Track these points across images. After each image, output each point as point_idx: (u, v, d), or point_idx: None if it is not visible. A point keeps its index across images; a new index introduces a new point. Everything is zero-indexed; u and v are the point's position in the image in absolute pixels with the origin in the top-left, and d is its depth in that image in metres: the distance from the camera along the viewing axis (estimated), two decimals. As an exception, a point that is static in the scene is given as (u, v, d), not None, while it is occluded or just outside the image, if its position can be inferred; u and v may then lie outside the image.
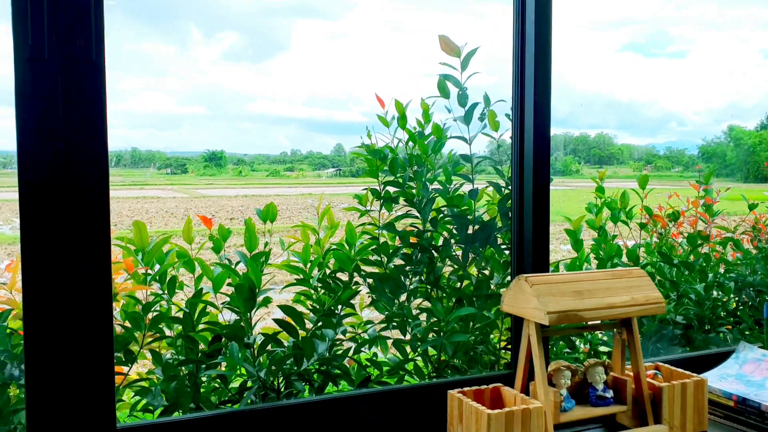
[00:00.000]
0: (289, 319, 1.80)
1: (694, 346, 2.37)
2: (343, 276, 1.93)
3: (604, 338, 2.30)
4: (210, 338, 1.74)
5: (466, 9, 2.35)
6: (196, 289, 1.77)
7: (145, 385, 1.70)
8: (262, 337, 1.78)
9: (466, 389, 1.50)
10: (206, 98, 2.34)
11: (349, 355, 1.89)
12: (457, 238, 2.00)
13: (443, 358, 1.98)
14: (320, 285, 1.91)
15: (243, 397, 1.75)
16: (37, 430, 1.28)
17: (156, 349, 1.70)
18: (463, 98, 1.95)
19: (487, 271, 2.01)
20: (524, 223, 1.74)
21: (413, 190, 2.00)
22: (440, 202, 2.01)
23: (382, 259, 1.97)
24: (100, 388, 1.32)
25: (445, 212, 2.01)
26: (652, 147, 3.48)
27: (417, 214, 2.00)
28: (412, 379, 1.95)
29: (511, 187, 1.91)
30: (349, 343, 1.90)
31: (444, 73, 1.97)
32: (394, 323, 1.95)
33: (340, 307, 1.90)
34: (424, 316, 1.99)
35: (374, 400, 1.64)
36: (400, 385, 1.88)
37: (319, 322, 1.84)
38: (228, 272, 1.75)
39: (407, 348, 1.95)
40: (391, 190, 2.01)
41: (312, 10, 2.34)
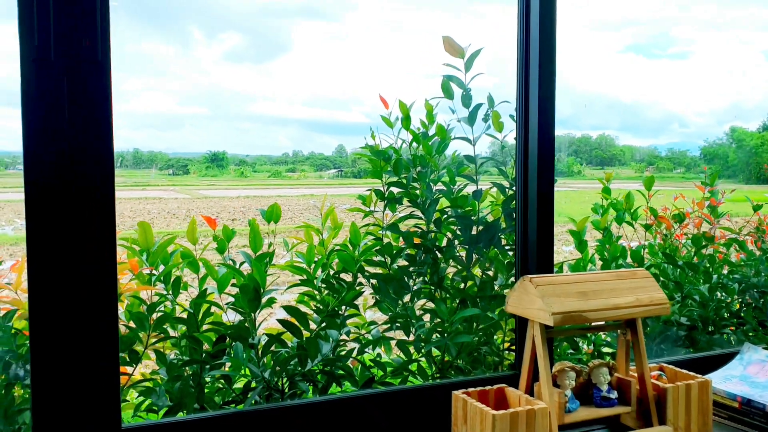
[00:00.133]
0: (292, 320, 1.80)
1: (698, 348, 2.36)
2: (347, 277, 1.93)
3: (607, 339, 2.30)
4: (214, 339, 1.74)
5: (466, 10, 2.35)
6: (201, 290, 1.77)
7: (149, 386, 1.71)
8: (266, 337, 1.78)
9: (471, 390, 1.50)
10: (208, 99, 2.35)
11: (353, 356, 1.89)
12: (461, 239, 2.00)
13: (447, 359, 1.98)
14: (324, 286, 1.91)
15: (247, 397, 1.75)
16: (42, 429, 1.28)
17: (160, 350, 1.70)
18: (467, 99, 1.95)
19: (491, 272, 2.01)
20: (528, 224, 1.74)
21: (417, 191, 2.00)
22: (444, 202, 2.01)
23: (386, 260, 1.97)
24: (106, 389, 1.32)
25: (449, 213, 2.01)
26: (654, 148, 3.48)
27: (421, 215, 2.00)
28: (416, 380, 1.95)
29: (515, 188, 1.92)
30: (352, 343, 1.90)
31: (447, 74, 1.97)
32: (398, 324, 1.95)
33: (344, 308, 1.90)
34: (428, 317, 1.99)
35: (379, 401, 1.64)
36: (405, 386, 1.88)
37: (323, 323, 1.84)
38: (233, 273, 1.75)
39: (411, 349, 1.95)
40: (395, 190, 2.01)
41: (313, 11, 2.34)
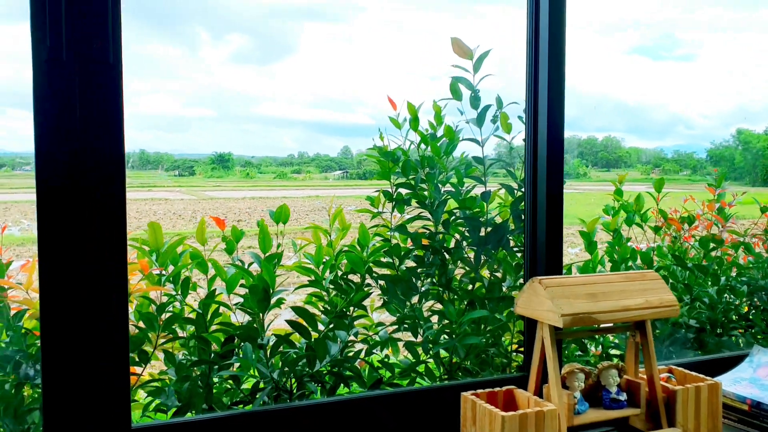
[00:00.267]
0: (300, 320, 1.80)
1: (707, 350, 2.36)
2: (355, 278, 1.93)
3: (615, 341, 2.29)
4: (223, 339, 1.75)
5: (471, 11, 2.35)
6: (209, 290, 1.77)
7: (158, 386, 1.71)
8: (274, 338, 1.78)
9: (480, 391, 1.50)
10: (214, 100, 2.35)
11: (361, 357, 1.89)
12: (469, 241, 2.00)
13: (455, 361, 1.98)
14: (332, 287, 1.91)
15: (255, 398, 1.75)
16: (53, 429, 1.29)
17: (169, 350, 1.71)
18: (475, 100, 1.95)
19: (500, 274, 2.01)
20: (537, 226, 1.74)
21: (425, 192, 2.00)
22: (452, 204, 2.01)
23: (394, 261, 1.97)
24: (116, 388, 1.33)
25: (457, 214, 2.01)
26: (660, 150, 3.47)
27: (429, 216, 2.00)
28: (424, 382, 1.95)
29: (523, 190, 1.92)
30: (360, 344, 1.90)
31: (454, 75, 1.97)
32: (406, 325, 1.95)
33: (352, 309, 1.90)
34: (436, 318, 1.99)
35: (387, 402, 1.64)
36: (413, 387, 1.88)
37: (331, 324, 1.84)
38: (241, 273, 1.75)
39: (419, 350, 1.95)
40: (403, 192, 2.01)
41: (319, 13, 2.34)
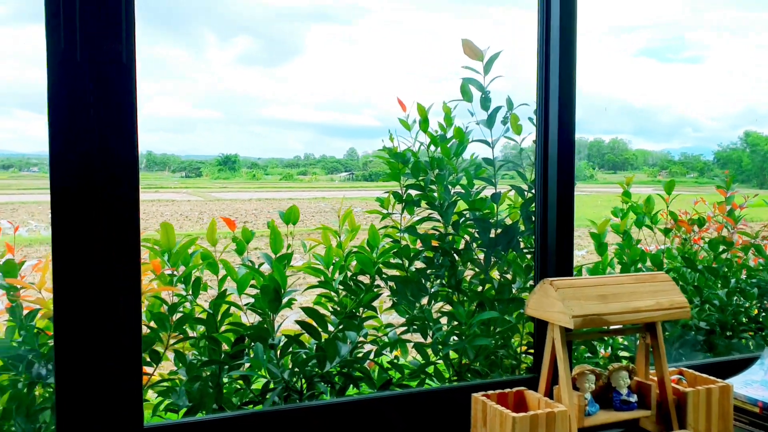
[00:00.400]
0: (310, 321, 1.80)
1: (717, 352, 2.35)
2: (365, 279, 1.93)
3: (624, 343, 2.29)
4: (233, 339, 1.75)
5: (478, 13, 2.35)
6: (220, 291, 1.78)
7: (168, 386, 1.72)
8: (285, 338, 1.78)
9: (490, 392, 1.50)
10: (221, 102, 2.36)
11: (370, 358, 1.89)
12: (479, 242, 2.00)
13: (464, 362, 1.98)
14: (342, 287, 1.92)
15: (265, 398, 1.75)
16: (66, 428, 1.30)
17: (180, 350, 1.72)
18: (486, 102, 1.95)
19: (509, 275, 2.01)
20: (548, 227, 1.74)
21: (435, 194, 2.00)
22: (462, 205, 2.01)
23: (404, 262, 1.97)
24: (128, 388, 1.33)
25: (467, 216, 2.01)
26: (667, 152, 3.47)
27: (439, 218, 2.00)
28: (433, 383, 1.95)
29: (534, 191, 1.92)
30: (369, 345, 1.91)
31: (465, 76, 1.97)
32: (415, 326, 1.95)
33: (362, 310, 1.90)
34: (445, 320, 1.99)
35: (397, 403, 1.64)
36: (423, 388, 1.88)
37: (341, 325, 1.84)
38: (252, 273, 1.76)
39: (428, 351, 1.95)
40: (413, 193, 2.01)
41: (326, 15, 2.35)
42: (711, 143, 3.48)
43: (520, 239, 1.99)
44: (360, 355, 1.86)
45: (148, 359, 1.68)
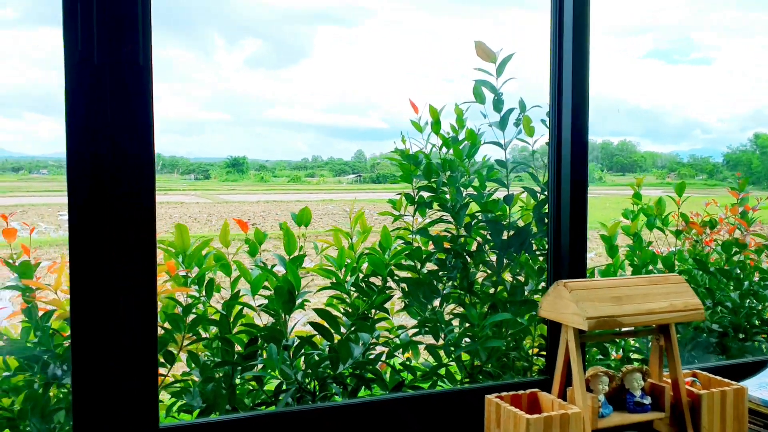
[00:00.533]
0: (322, 322, 1.81)
1: (730, 355, 2.34)
2: (376, 280, 1.93)
3: (636, 345, 2.29)
4: (246, 340, 1.76)
5: (487, 15, 2.36)
6: (233, 292, 1.79)
7: (182, 386, 1.72)
8: (297, 339, 1.79)
9: (504, 394, 1.50)
10: (229, 105, 2.37)
11: (382, 360, 1.89)
12: (492, 244, 2.00)
13: (476, 364, 1.98)
14: (354, 289, 1.92)
15: (278, 399, 1.76)
16: (82, 429, 1.30)
17: (194, 351, 1.72)
18: (498, 104, 1.95)
19: (522, 277, 2.01)
20: (561, 229, 1.74)
21: (447, 195, 2.00)
22: (474, 207, 2.01)
23: (416, 264, 1.98)
24: (144, 388, 1.34)
25: (479, 218, 2.01)
26: (676, 155, 3.46)
27: (451, 220, 2.00)
28: (446, 384, 1.95)
29: (546, 193, 1.91)
30: (381, 347, 1.91)
31: (475, 78, 1.98)
32: (427, 328, 1.95)
33: (374, 312, 1.91)
34: (457, 322, 1.99)
35: (410, 404, 1.64)
36: (436, 390, 1.88)
37: (353, 326, 1.84)
38: (266, 275, 1.76)
39: (441, 353, 1.95)
40: (425, 195, 2.01)
41: (332, 17, 2.36)
42: (720, 145, 3.47)
43: (533, 241, 1.99)
44: (372, 357, 1.86)
45: (162, 360, 1.69)
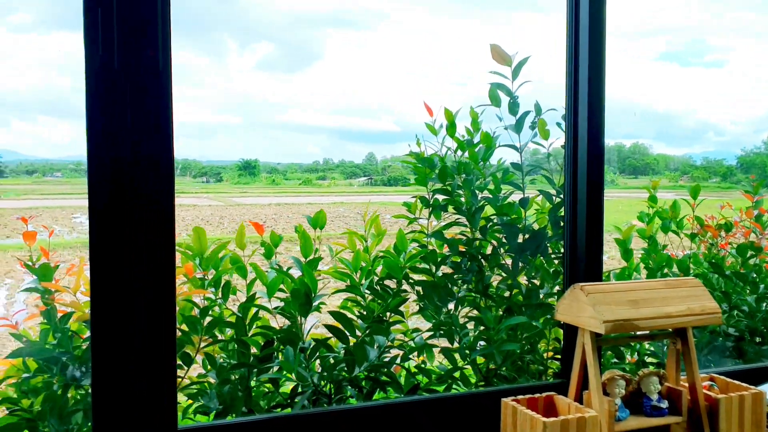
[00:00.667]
0: (337, 324, 1.81)
1: (747, 359, 2.33)
2: (391, 283, 1.94)
3: (651, 348, 2.28)
4: (262, 342, 1.76)
5: (500, 19, 2.35)
6: (249, 294, 1.79)
7: (199, 388, 1.73)
8: (313, 342, 1.79)
9: (520, 397, 1.50)
10: (240, 108, 2.38)
11: (397, 362, 1.90)
12: (507, 247, 1.99)
13: (491, 367, 1.97)
14: (368, 292, 1.92)
15: (294, 401, 1.76)
16: (102, 430, 1.31)
17: (210, 353, 1.73)
18: (514, 107, 1.95)
19: (537, 281, 2.01)
20: (577, 232, 1.74)
21: (462, 199, 2.00)
22: (489, 210, 2.01)
23: (431, 267, 1.98)
24: (163, 390, 1.35)
25: (495, 221, 2.01)
26: (689, 157, 3.43)
27: (466, 223, 2.00)
28: (461, 387, 1.95)
29: (562, 196, 1.91)
30: (395, 350, 1.91)
31: (489, 81, 1.98)
32: (441, 331, 1.95)
33: (389, 314, 1.91)
34: (471, 325, 1.99)
35: (426, 407, 1.65)
36: (452, 393, 1.88)
37: (369, 329, 1.85)
38: (282, 277, 1.77)
39: (456, 356, 1.95)
40: (440, 198, 2.01)
41: (344, 21, 2.36)
42: (734, 147, 3.45)
43: (548, 244, 1.99)
44: (387, 360, 1.86)
45: (179, 362, 1.70)
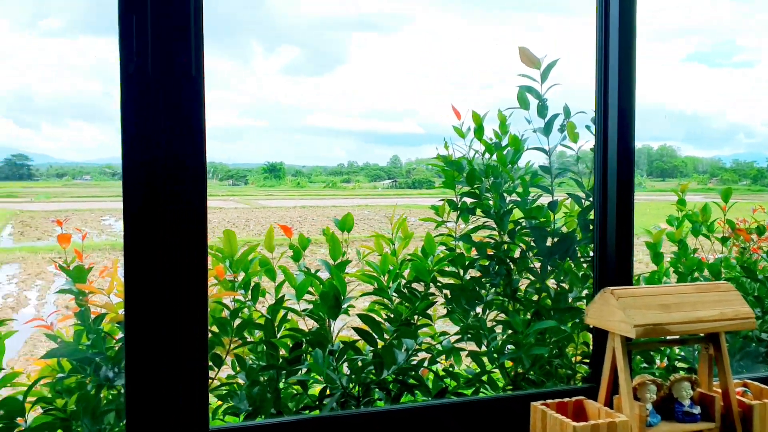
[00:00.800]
0: (365, 327, 1.82)
1: (780, 365, 2.30)
2: (418, 286, 1.94)
3: (681, 354, 2.25)
4: (291, 344, 1.77)
5: (525, 22, 2.35)
6: (277, 297, 1.80)
7: (228, 389, 1.75)
8: (341, 344, 1.80)
9: (549, 401, 1.49)
10: (266, 111, 2.40)
11: (425, 365, 1.90)
12: (535, 251, 1.99)
13: (519, 371, 1.97)
14: (396, 295, 1.92)
15: (322, 403, 1.77)
16: (136, 429, 1.33)
17: (240, 354, 1.74)
18: (543, 109, 1.94)
19: (566, 284, 1.99)
20: (607, 235, 1.73)
21: (490, 202, 2.00)
22: (517, 213, 2.01)
23: (458, 270, 1.97)
24: (195, 390, 1.37)
25: (523, 224, 2.00)
26: (718, 159, 3.39)
27: (494, 226, 1.99)
28: (488, 391, 1.95)
29: (591, 199, 1.90)
30: (423, 353, 1.91)
31: (519, 84, 1.97)
32: (469, 335, 1.94)
33: (416, 318, 1.91)
34: (499, 329, 1.98)
35: (455, 411, 1.65)
36: (480, 396, 1.88)
37: (397, 332, 1.85)
38: (310, 279, 1.78)
39: (484, 360, 1.95)
40: (468, 201, 2.01)
41: (369, 24, 2.37)
42: (764, 149, 3.40)
43: (577, 248, 1.97)
44: (414, 363, 1.86)
45: (210, 363, 1.71)
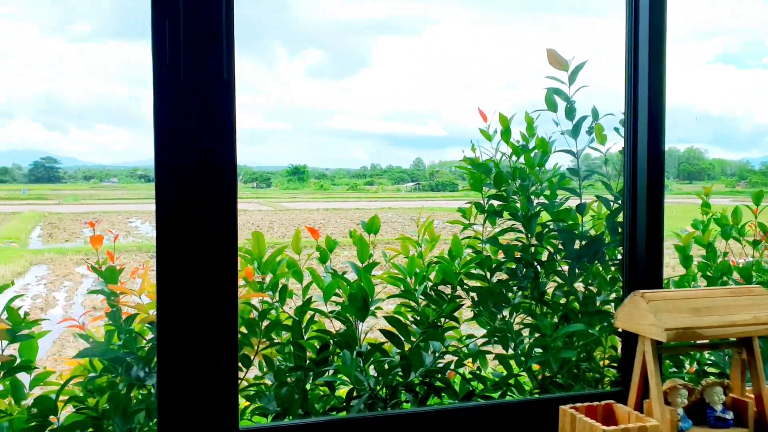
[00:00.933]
0: (391, 328, 1.82)
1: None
2: (446, 289, 1.93)
3: (711, 358, 2.22)
4: (318, 346, 1.78)
5: (550, 24, 2.33)
6: (304, 298, 1.81)
7: (257, 390, 1.76)
8: (368, 346, 1.81)
9: (578, 405, 1.49)
10: (290, 114, 2.42)
11: (452, 368, 1.89)
12: (563, 254, 1.97)
13: (547, 374, 1.96)
14: (422, 297, 1.92)
15: (349, 405, 1.78)
16: (167, 428, 1.35)
17: (269, 355, 1.76)
18: (571, 112, 1.93)
19: (594, 288, 1.98)
20: (637, 238, 1.72)
21: (517, 204, 1.99)
22: (545, 216, 2.00)
23: (485, 273, 1.97)
24: (225, 391, 1.38)
25: (551, 227, 1.99)
26: (747, 162, 3.35)
27: (521, 229, 1.99)
28: (515, 395, 1.94)
29: (620, 202, 1.89)
30: (449, 356, 1.91)
31: (546, 86, 1.97)
32: (496, 338, 1.94)
33: (443, 320, 1.91)
34: (527, 331, 1.98)
35: (483, 414, 1.64)
36: (508, 400, 1.87)
37: (424, 334, 1.85)
38: (338, 281, 1.79)
39: (512, 363, 1.94)
40: (495, 203, 2.00)
41: (393, 27, 2.38)
42: (795, 152, 3.36)
43: (605, 251, 1.96)
44: (441, 365, 1.86)
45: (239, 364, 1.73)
